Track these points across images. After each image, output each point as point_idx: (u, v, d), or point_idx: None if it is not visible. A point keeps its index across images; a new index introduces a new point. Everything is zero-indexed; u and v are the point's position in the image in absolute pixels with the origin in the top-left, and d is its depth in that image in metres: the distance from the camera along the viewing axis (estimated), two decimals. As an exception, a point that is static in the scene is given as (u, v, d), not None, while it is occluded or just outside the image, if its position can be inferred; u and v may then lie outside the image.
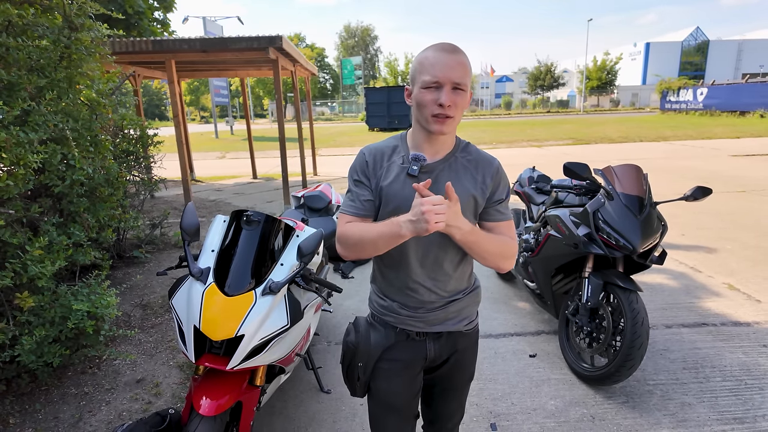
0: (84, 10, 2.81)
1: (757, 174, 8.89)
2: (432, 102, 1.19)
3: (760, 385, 2.59)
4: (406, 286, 1.35)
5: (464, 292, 1.40)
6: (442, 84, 1.18)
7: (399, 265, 1.34)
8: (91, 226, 2.98)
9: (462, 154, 1.34)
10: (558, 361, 2.90)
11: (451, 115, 1.21)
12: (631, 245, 2.46)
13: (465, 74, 1.20)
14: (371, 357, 1.41)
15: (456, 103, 1.20)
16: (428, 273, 1.33)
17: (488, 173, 1.32)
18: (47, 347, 2.39)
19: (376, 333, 1.42)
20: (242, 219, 1.92)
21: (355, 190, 1.34)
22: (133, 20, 8.90)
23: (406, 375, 1.42)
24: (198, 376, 1.76)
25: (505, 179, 1.36)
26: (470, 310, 1.44)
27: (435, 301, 1.36)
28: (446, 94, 1.18)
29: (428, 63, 1.20)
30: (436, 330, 1.39)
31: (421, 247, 1.31)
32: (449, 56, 1.19)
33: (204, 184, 10.24)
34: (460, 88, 1.20)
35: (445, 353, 1.43)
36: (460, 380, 1.50)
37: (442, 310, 1.37)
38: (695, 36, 54.98)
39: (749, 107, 24.94)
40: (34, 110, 2.43)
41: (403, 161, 1.31)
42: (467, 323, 1.43)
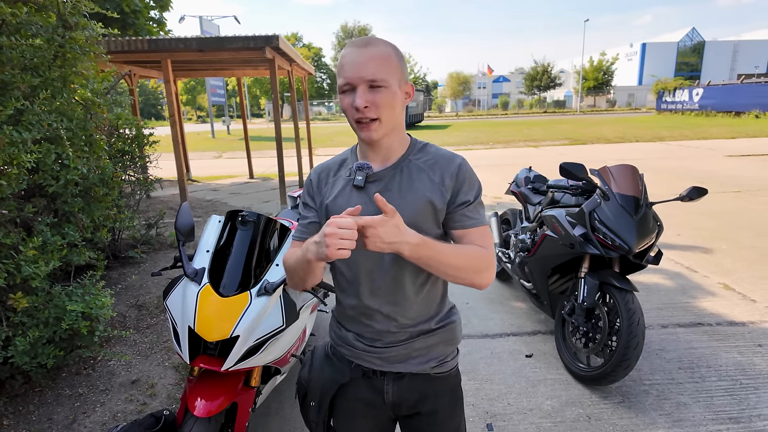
0: (78, 8, 2.79)
1: (753, 174, 8.93)
2: (349, 107, 1.05)
3: (755, 385, 2.60)
4: (361, 312, 1.16)
5: (435, 323, 1.18)
6: (355, 84, 1.03)
7: (351, 287, 1.16)
8: (86, 226, 2.97)
9: (417, 156, 1.15)
10: (554, 361, 2.90)
11: (374, 117, 1.04)
12: (626, 245, 2.46)
13: (381, 68, 1.03)
14: (325, 395, 1.25)
15: (375, 102, 1.02)
16: (384, 296, 1.13)
17: (447, 172, 1.11)
18: (41, 348, 2.37)
19: (331, 367, 1.26)
20: (237, 219, 1.92)
21: (303, 213, 1.22)
22: (129, 19, 8.87)
23: (370, 416, 1.24)
24: (193, 377, 1.75)
25: (472, 178, 1.13)
26: (441, 349, 1.20)
27: (395, 332, 1.14)
28: (360, 96, 1.02)
29: (341, 64, 1.05)
30: (397, 370, 1.17)
31: (373, 265, 1.11)
32: (360, 51, 1.03)
33: (200, 183, 10.21)
34: (378, 85, 1.02)
35: (410, 400, 1.20)
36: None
37: (402, 346, 1.15)
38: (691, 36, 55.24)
39: (744, 108, 25.08)
40: (28, 109, 2.41)
41: (350, 173, 1.15)
42: (436, 364, 1.19)
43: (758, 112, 24.08)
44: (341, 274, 1.18)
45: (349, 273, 1.16)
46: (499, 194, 7.60)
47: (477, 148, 15.45)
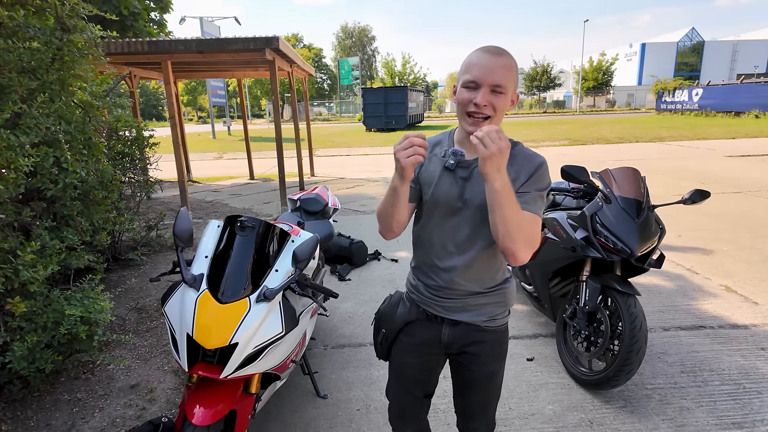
0: (76, 11, 2.78)
1: (753, 175, 8.91)
2: (468, 100, 1.22)
3: (758, 389, 2.58)
4: (430, 268, 1.41)
5: (490, 288, 1.41)
6: (480, 84, 1.20)
7: (424, 246, 1.42)
8: (85, 230, 2.95)
9: None
10: (556, 365, 2.89)
11: (487, 116, 1.22)
12: (628, 249, 2.45)
13: (506, 77, 1.21)
14: (393, 327, 1.52)
15: (493, 104, 1.21)
16: (452, 254, 1.36)
17: (526, 170, 1.29)
18: (39, 353, 2.35)
19: (402, 307, 1.52)
20: (236, 224, 1.90)
21: None
22: (128, 21, 8.86)
23: (421, 352, 1.50)
24: (191, 384, 1.74)
25: (544, 177, 1.30)
26: (493, 308, 1.43)
27: (455, 288, 1.38)
28: (482, 95, 1.20)
29: (471, 63, 1.23)
30: (453, 318, 1.42)
31: (446, 228, 1.35)
32: (492, 58, 1.21)
33: (201, 184, 10.20)
34: (499, 91, 1.21)
35: (459, 342, 1.45)
36: (478, 375, 1.49)
37: (460, 300, 1.40)
38: (690, 37, 55.23)
39: (744, 108, 25.06)
40: (26, 113, 2.40)
41: (444, 154, 1.35)
42: (487, 319, 1.43)
43: (758, 112, 24.06)
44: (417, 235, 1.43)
45: (424, 234, 1.40)
46: (499, 195, 7.58)
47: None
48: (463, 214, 1.31)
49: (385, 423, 2.39)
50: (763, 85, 25.14)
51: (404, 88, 26.49)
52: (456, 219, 1.33)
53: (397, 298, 1.57)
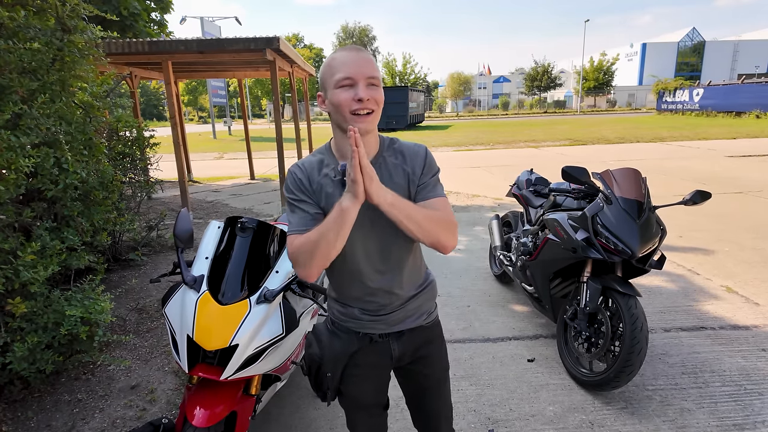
0: (77, 11, 2.78)
1: (754, 175, 8.90)
2: (349, 99, 1.18)
3: (759, 390, 2.58)
4: (364, 293, 1.36)
5: (420, 288, 1.43)
6: (356, 80, 1.18)
7: (353, 277, 1.35)
8: (86, 230, 2.95)
9: (389, 152, 1.33)
10: (556, 366, 2.88)
11: (372, 109, 1.20)
12: (629, 250, 2.44)
13: (376, 70, 1.22)
14: (338, 364, 1.44)
15: (374, 97, 1.20)
16: (382, 275, 1.34)
17: (417, 164, 1.32)
18: (40, 354, 2.36)
19: (338, 340, 1.44)
20: (237, 226, 1.90)
21: (298, 206, 1.28)
22: (128, 22, 8.86)
23: (374, 376, 1.48)
24: (192, 386, 1.74)
25: (431, 160, 1.34)
26: (428, 305, 1.47)
27: (393, 301, 1.37)
28: (362, 89, 1.18)
29: (338, 63, 1.20)
30: (398, 329, 1.41)
31: (370, 250, 1.32)
32: (357, 54, 1.21)
33: (201, 185, 10.20)
34: (374, 83, 1.20)
35: (410, 350, 1.45)
36: (434, 375, 1.51)
37: (401, 310, 1.39)
38: (691, 36, 55.19)
39: (745, 108, 25.04)
40: (26, 113, 2.40)
41: (335, 174, 1.28)
42: (426, 317, 1.46)
43: (759, 112, 24.03)
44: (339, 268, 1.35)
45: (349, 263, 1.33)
46: (499, 196, 7.58)
47: (477, 148, 15.43)
48: (378, 226, 1.27)
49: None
50: (764, 85, 25.12)
51: (405, 88, 26.50)
52: (373, 233, 1.29)
53: (326, 334, 1.48)
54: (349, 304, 1.40)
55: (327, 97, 1.23)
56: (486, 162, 12.03)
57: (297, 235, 1.24)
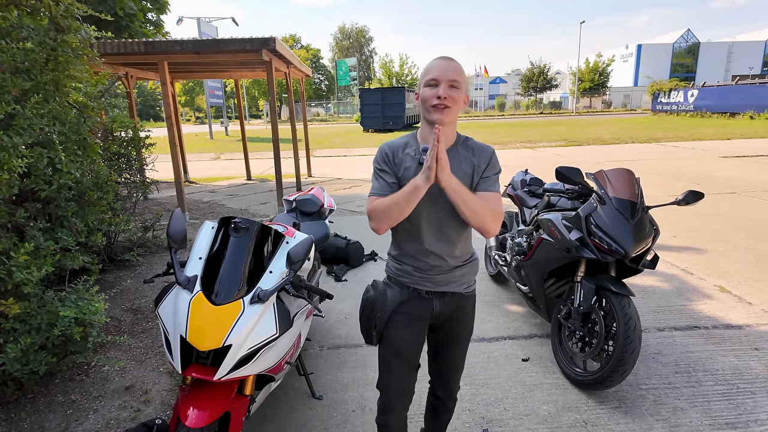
0: (71, 11, 2.77)
1: (748, 176, 8.96)
2: (432, 96, 1.51)
3: (752, 389, 2.60)
4: (420, 252, 1.65)
5: (465, 261, 1.70)
6: (440, 81, 1.50)
7: (413, 237, 1.65)
8: (80, 231, 2.94)
9: (462, 147, 1.63)
10: (551, 365, 2.89)
11: (449, 105, 1.50)
12: (623, 250, 2.46)
13: (459, 75, 1.51)
14: (387, 309, 1.70)
15: (452, 96, 1.50)
16: (437, 241, 1.63)
17: (483, 159, 1.62)
18: (33, 355, 2.34)
19: (391, 291, 1.72)
20: (231, 226, 1.90)
21: (381, 176, 1.62)
22: (124, 22, 8.83)
23: (414, 327, 1.72)
24: (185, 386, 1.73)
25: (496, 162, 1.64)
26: (469, 277, 1.73)
27: (442, 266, 1.65)
28: (443, 89, 1.49)
29: (430, 68, 1.54)
30: (442, 290, 1.68)
31: (432, 219, 1.60)
32: (446, 62, 1.53)
33: (198, 185, 10.18)
34: (455, 86, 1.50)
35: (448, 310, 1.72)
36: (462, 334, 1.79)
37: (448, 274, 1.67)
38: (686, 38, 55.44)
39: (739, 109, 25.17)
40: (19, 113, 2.39)
41: (414, 153, 1.61)
42: (466, 287, 1.73)
43: (753, 113, 24.16)
44: (404, 228, 1.64)
45: (412, 227, 1.62)
46: (495, 196, 7.59)
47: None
48: (441, 202, 1.54)
49: (380, 424, 2.40)
50: (757, 86, 25.26)
51: (402, 88, 26.49)
52: (436, 206, 1.57)
53: (381, 284, 1.76)
54: (405, 262, 1.69)
55: (419, 94, 1.56)
56: (482, 162, 12.01)
57: (375, 198, 1.58)
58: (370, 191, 1.63)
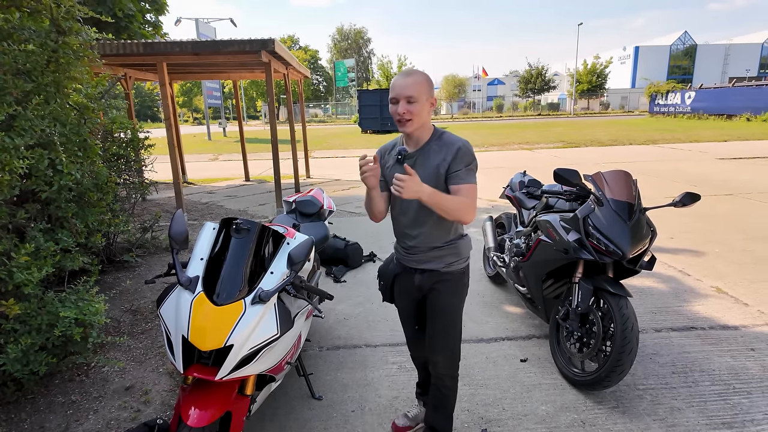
0: (72, 13, 2.78)
1: (744, 177, 9.00)
2: (394, 112, 1.76)
3: (748, 390, 2.62)
4: (402, 235, 1.99)
5: (445, 243, 1.92)
6: (398, 99, 1.73)
7: (397, 221, 2.00)
8: (80, 232, 2.95)
9: (435, 142, 1.83)
10: (549, 366, 2.91)
11: (408, 119, 1.73)
12: (620, 251, 2.48)
13: (415, 89, 1.71)
14: (387, 279, 2.14)
15: (410, 110, 1.72)
16: (414, 227, 1.91)
17: (450, 152, 1.78)
18: (33, 355, 2.35)
19: (392, 265, 2.12)
20: (232, 227, 1.91)
21: None
22: (123, 23, 8.83)
23: (408, 295, 2.09)
24: (186, 386, 1.74)
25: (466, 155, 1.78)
26: (450, 257, 1.94)
27: (419, 246, 1.93)
28: (401, 106, 1.73)
29: (392, 86, 1.75)
30: (422, 267, 1.96)
31: (404, 208, 1.90)
32: (402, 80, 1.73)
33: (196, 186, 10.18)
34: (412, 101, 1.72)
35: (427, 284, 1.97)
36: (438, 307, 1.98)
37: (424, 254, 1.94)
38: (683, 40, 55.66)
39: (736, 111, 25.29)
40: (20, 115, 2.40)
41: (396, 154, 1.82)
42: (444, 266, 1.93)
43: (749, 115, 24.28)
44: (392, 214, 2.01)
45: (394, 212, 1.98)
46: (494, 197, 7.61)
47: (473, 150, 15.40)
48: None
49: (380, 424, 2.41)
50: (754, 88, 25.39)
51: (399, 90, 26.45)
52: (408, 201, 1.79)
53: (391, 259, 2.17)
54: (397, 242, 2.05)
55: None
56: (480, 164, 11.89)
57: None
58: None
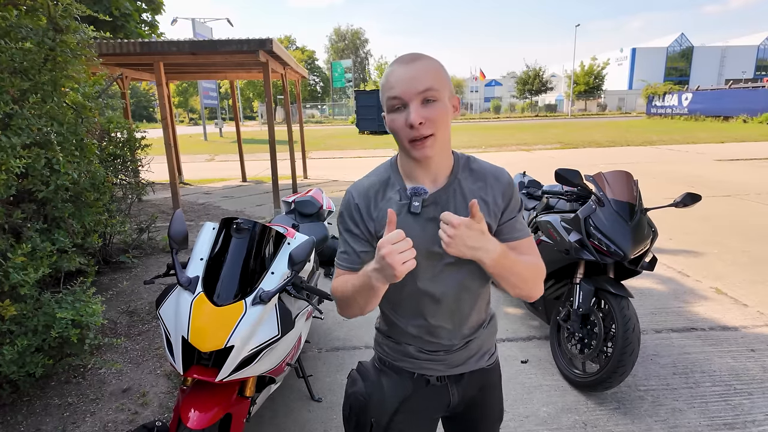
0: (69, 11, 2.75)
1: (741, 178, 9.03)
2: (403, 125, 1.01)
3: (749, 390, 2.61)
4: (425, 331, 1.18)
5: (483, 326, 1.25)
6: (407, 101, 0.99)
7: (410, 308, 1.18)
8: (76, 232, 2.92)
9: (465, 174, 1.13)
10: (550, 367, 2.90)
11: (430, 133, 1.00)
12: (621, 251, 2.47)
13: (433, 80, 0.99)
14: (386, 410, 1.21)
15: (430, 117, 0.99)
16: (448, 315, 1.16)
17: (498, 192, 1.12)
18: (30, 357, 2.32)
19: (389, 381, 1.23)
20: (232, 227, 1.89)
21: (348, 240, 1.15)
22: (119, 22, 8.80)
23: (424, 426, 1.26)
24: (186, 388, 1.72)
25: (517, 193, 1.16)
26: (490, 342, 1.28)
27: (458, 340, 1.19)
28: (415, 111, 0.98)
29: (389, 80, 1.02)
30: (458, 372, 1.22)
31: (435, 283, 1.13)
32: (408, 67, 1.00)
33: (193, 187, 10.13)
34: (431, 97, 0.99)
35: (469, 396, 1.26)
36: (490, 420, 1.32)
37: (464, 350, 1.20)
38: (680, 42, 55.95)
39: (732, 112, 25.44)
40: (17, 114, 2.37)
41: (400, 197, 1.11)
42: (488, 358, 1.27)
43: (746, 116, 24.41)
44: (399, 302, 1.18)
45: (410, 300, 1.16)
46: (492, 198, 7.61)
47: (470, 151, 15.45)
48: (446, 259, 1.10)
49: (380, 426, 2.39)
50: (750, 90, 25.56)
51: (397, 90, 26.45)
52: (440, 266, 1.11)
53: (373, 371, 1.27)
54: (402, 341, 1.21)
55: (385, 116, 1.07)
56: (478, 165, 12.04)
57: (340, 271, 1.16)
58: (336, 256, 1.19)
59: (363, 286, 1.01)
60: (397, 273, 0.90)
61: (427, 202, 1.09)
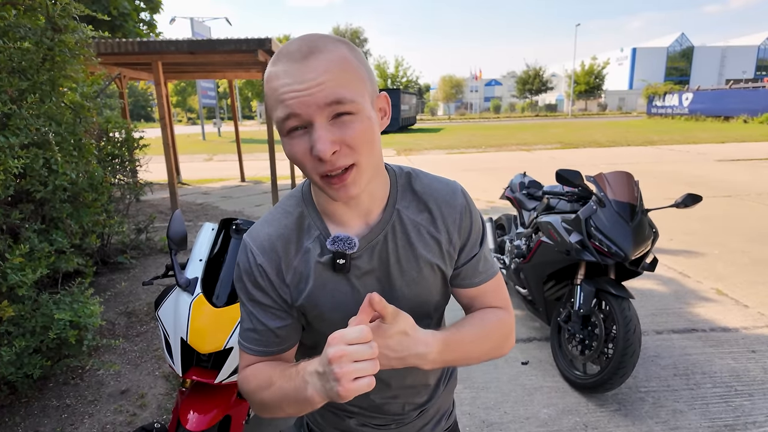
0: (68, 11, 2.74)
1: (742, 179, 9.03)
2: (307, 155, 0.67)
3: (749, 392, 2.60)
4: (372, 404, 0.92)
5: (442, 383, 1.00)
6: (308, 118, 0.65)
7: None
8: (75, 232, 2.91)
9: (406, 201, 0.83)
10: (550, 369, 2.89)
11: (350, 164, 0.67)
12: (623, 252, 2.46)
13: (344, 82, 0.65)
14: None
15: (347, 140, 0.66)
16: (399, 391, 0.92)
17: (453, 224, 0.83)
18: (27, 358, 2.31)
19: None
20: (231, 227, 1.88)
21: (254, 313, 0.82)
22: (118, 22, 8.78)
23: None
24: (185, 390, 1.71)
25: (477, 220, 0.87)
26: (448, 402, 1.05)
27: (410, 411, 0.95)
28: (321, 137, 0.64)
29: (274, 89, 0.66)
30: None
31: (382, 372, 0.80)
32: (302, 66, 0.64)
33: (191, 187, 10.12)
34: (345, 111, 0.65)
35: None
36: None
37: (419, 419, 0.98)
38: (680, 42, 56.01)
39: (733, 112, 25.45)
40: (15, 114, 2.36)
41: (322, 250, 0.79)
42: (446, 419, 1.05)
43: (746, 117, 24.42)
44: None
45: None
46: (493, 199, 7.60)
47: (470, 151, 15.50)
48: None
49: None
50: (751, 90, 25.56)
51: (397, 90, 26.60)
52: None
53: None
54: (345, 411, 0.94)
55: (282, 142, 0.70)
56: (478, 165, 12.07)
57: (249, 357, 0.83)
58: (240, 334, 0.85)
59: (296, 393, 0.69)
60: (342, 391, 0.60)
61: (356, 253, 0.79)
